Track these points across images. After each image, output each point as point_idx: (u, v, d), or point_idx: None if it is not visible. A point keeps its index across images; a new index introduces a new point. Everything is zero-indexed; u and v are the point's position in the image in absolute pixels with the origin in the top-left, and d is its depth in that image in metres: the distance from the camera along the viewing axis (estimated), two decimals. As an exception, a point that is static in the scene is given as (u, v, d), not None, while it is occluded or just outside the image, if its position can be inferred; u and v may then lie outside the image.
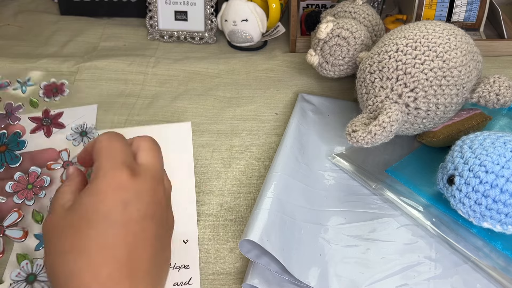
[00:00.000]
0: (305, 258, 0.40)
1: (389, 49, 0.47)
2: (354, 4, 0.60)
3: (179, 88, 0.62)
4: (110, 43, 0.71)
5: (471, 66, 0.46)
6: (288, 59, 0.67)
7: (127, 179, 0.30)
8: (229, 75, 0.64)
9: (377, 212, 0.45)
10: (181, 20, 0.71)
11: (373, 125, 0.43)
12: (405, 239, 0.42)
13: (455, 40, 0.46)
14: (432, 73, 0.44)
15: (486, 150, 0.39)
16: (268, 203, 0.41)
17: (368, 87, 0.48)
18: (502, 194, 0.37)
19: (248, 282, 0.38)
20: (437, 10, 0.68)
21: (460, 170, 0.40)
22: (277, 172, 0.45)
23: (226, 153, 0.52)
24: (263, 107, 0.59)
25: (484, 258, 0.40)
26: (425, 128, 0.48)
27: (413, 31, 0.47)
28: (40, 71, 0.64)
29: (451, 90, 0.45)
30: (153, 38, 0.72)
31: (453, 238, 0.41)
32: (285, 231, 0.40)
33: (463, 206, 0.40)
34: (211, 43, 0.71)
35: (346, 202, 0.46)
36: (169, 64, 0.66)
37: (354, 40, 0.54)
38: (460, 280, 0.39)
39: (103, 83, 0.63)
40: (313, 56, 0.57)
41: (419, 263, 0.40)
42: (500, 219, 0.38)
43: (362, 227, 0.43)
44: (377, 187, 0.47)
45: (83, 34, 0.72)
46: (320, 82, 0.62)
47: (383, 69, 0.47)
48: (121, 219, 0.29)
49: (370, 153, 0.50)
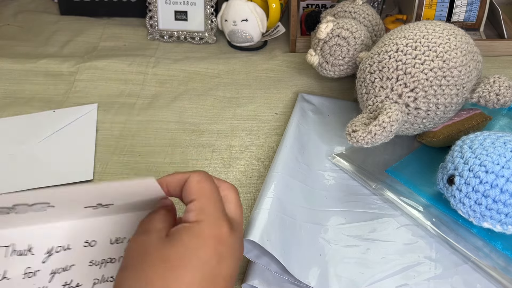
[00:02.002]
0: (305, 258, 0.40)
1: (389, 49, 0.47)
2: (354, 4, 0.60)
3: (179, 88, 0.62)
4: (110, 43, 0.71)
5: (471, 66, 0.46)
6: (288, 59, 0.67)
7: (227, 233, 0.30)
8: (229, 75, 0.64)
9: (377, 212, 0.45)
10: (181, 20, 0.71)
11: (373, 125, 0.43)
12: (405, 239, 0.42)
13: (455, 40, 0.46)
14: (432, 73, 0.44)
15: (486, 150, 0.39)
16: (268, 203, 0.41)
17: (368, 87, 0.48)
18: (502, 194, 0.37)
19: (248, 282, 0.38)
20: (437, 10, 0.68)
21: (460, 170, 0.40)
22: (277, 172, 0.45)
23: (226, 153, 0.52)
24: (263, 107, 0.59)
25: (484, 258, 0.40)
26: (425, 128, 0.48)
27: (413, 31, 0.47)
28: (40, 71, 0.64)
29: (451, 90, 0.45)
30: (153, 38, 0.72)
31: (453, 238, 0.41)
32: (285, 231, 0.40)
33: (463, 206, 0.40)
34: (211, 43, 0.71)
35: (346, 202, 0.46)
36: (169, 64, 0.66)
37: (354, 40, 0.54)
38: (460, 280, 0.39)
39: (103, 83, 0.63)
40: (313, 56, 0.57)
41: (419, 263, 0.40)
42: (500, 219, 0.38)
43: (362, 227, 0.43)
44: (377, 187, 0.46)
45: (83, 34, 0.72)
46: (320, 82, 0.62)
47: (383, 69, 0.47)
48: (212, 273, 0.28)
49: (370, 153, 0.50)
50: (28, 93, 0.61)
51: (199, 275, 0.28)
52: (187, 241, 0.28)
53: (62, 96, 0.61)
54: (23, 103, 0.59)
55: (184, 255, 0.28)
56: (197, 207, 0.30)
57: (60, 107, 0.59)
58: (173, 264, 0.28)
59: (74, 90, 0.61)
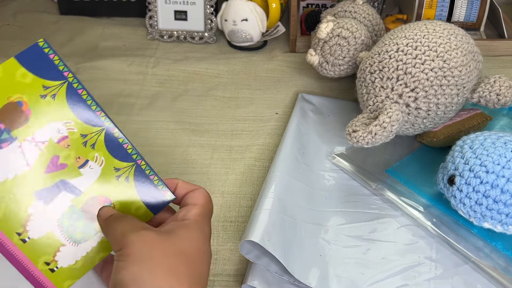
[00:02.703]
0: (306, 259, 0.40)
1: (389, 49, 0.47)
2: (354, 4, 0.60)
3: (179, 88, 0.62)
4: (110, 43, 0.71)
5: (471, 66, 0.46)
6: (288, 59, 0.67)
7: (208, 232, 0.35)
8: (229, 75, 0.64)
9: (378, 212, 0.45)
10: (181, 20, 0.71)
11: (373, 125, 0.43)
12: (405, 239, 0.42)
13: (456, 40, 0.46)
14: (433, 73, 0.44)
15: (487, 150, 0.39)
16: (269, 204, 0.41)
17: (368, 87, 0.48)
18: (502, 194, 0.37)
19: (248, 283, 0.38)
20: (438, 10, 0.68)
21: (460, 170, 0.40)
22: (278, 172, 0.45)
23: (226, 154, 0.52)
24: (263, 107, 0.59)
25: (484, 258, 0.40)
26: (426, 128, 0.48)
27: (414, 31, 0.47)
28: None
29: (452, 90, 0.45)
30: (152, 38, 0.72)
31: (454, 239, 0.41)
32: (286, 232, 0.40)
33: (464, 206, 0.40)
34: (211, 43, 0.71)
35: (346, 203, 0.46)
36: (169, 64, 0.66)
37: (354, 40, 0.54)
38: (460, 281, 0.39)
39: (103, 83, 0.63)
40: (313, 56, 0.57)
41: (420, 264, 0.40)
42: (501, 219, 0.38)
43: (363, 227, 0.43)
44: (378, 187, 0.46)
45: (82, 34, 0.72)
46: (320, 82, 0.62)
47: (384, 69, 0.46)
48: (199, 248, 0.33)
49: (371, 153, 0.50)
50: (27, 93, 0.61)
51: (185, 238, 0.33)
52: (184, 234, 0.33)
53: (61, 96, 0.61)
54: (22, 103, 0.59)
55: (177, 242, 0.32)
56: (199, 211, 0.35)
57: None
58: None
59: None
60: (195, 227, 0.34)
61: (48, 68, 0.34)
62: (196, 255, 0.32)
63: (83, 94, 0.35)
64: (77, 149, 0.34)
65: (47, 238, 0.33)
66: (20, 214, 0.33)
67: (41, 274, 0.33)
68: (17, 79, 0.33)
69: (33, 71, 0.33)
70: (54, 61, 0.34)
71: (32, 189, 0.33)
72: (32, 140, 0.33)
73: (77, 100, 0.35)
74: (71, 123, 0.34)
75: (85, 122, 0.35)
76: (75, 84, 0.35)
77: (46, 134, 0.34)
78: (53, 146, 0.34)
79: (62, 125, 0.34)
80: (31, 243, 0.33)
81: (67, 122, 0.34)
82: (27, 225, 0.33)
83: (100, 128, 0.35)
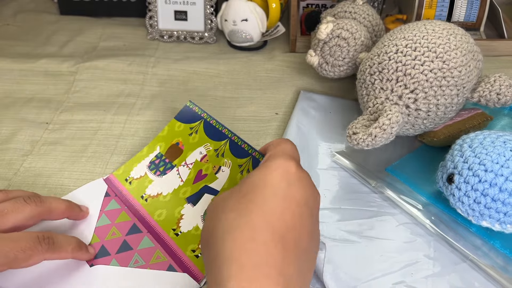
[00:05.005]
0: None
1: (388, 50, 0.47)
2: (354, 4, 0.60)
3: (179, 88, 0.62)
4: (109, 43, 0.71)
5: (471, 66, 0.46)
6: (288, 59, 0.67)
7: (294, 168, 0.32)
8: (229, 75, 0.65)
9: (377, 210, 0.45)
10: (181, 20, 0.71)
11: (373, 128, 0.43)
12: (404, 237, 0.43)
13: (455, 40, 0.46)
14: (432, 74, 0.44)
15: (486, 149, 0.39)
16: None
17: (368, 88, 0.48)
18: (501, 193, 0.38)
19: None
20: (437, 10, 0.68)
21: (459, 168, 0.40)
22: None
23: (226, 153, 0.52)
24: (263, 107, 0.59)
25: (482, 257, 0.40)
26: (426, 129, 0.48)
27: (413, 31, 0.47)
28: (40, 71, 0.64)
29: (452, 90, 0.45)
30: (152, 38, 0.72)
31: (452, 237, 0.42)
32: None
33: (462, 205, 0.40)
34: (211, 43, 0.71)
35: (345, 200, 0.46)
36: (169, 64, 0.66)
37: (354, 40, 0.54)
38: (458, 279, 0.39)
39: (102, 83, 0.63)
40: (313, 57, 0.57)
41: (418, 261, 0.41)
42: (499, 218, 0.38)
43: (362, 224, 0.44)
44: (377, 185, 0.47)
45: (82, 34, 0.72)
46: (320, 82, 0.63)
47: (383, 70, 0.47)
48: (283, 193, 0.31)
49: (371, 152, 0.50)
50: (28, 93, 0.61)
51: (268, 192, 0.30)
52: (254, 174, 0.32)
53: (62, 96, 0.61)
54: (22, 103, 0.59)
55: (252, 183, 0.32)
56: (267, 156, 0.35)
57: (60, 107, 0.59)
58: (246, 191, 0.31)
59: (74, 90, 0.62)
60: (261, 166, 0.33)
61: (192, 116, 0.49)
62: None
63: (213, 123, 0.48)
64: (213, 161, 0.46)
65: (194, 231, 0.42)
66: (175, 215, 0.43)
67: (188, 259, 0.41)
68: (176, 130, 0.49)
69: (183, 121, 0.49)
70: (196, 111, 0.49)
71: (184, 196, 0.45)
72: (185, 163, 0.47)
73: (210, 128, 0.47)
74: (208, 144, 0.47)
75: (216, 140, 0.46)
76: (208, 118, 0.48)
77: (193, 157, 0.47)
78: (197, 163, 0.46)
79: (202, 147, 0.47)
80: (182, 236, 0.42)
81: (206, 145, 0.47)
82: (180, 223, 0.43)
83: (225, 140, 0.46)
